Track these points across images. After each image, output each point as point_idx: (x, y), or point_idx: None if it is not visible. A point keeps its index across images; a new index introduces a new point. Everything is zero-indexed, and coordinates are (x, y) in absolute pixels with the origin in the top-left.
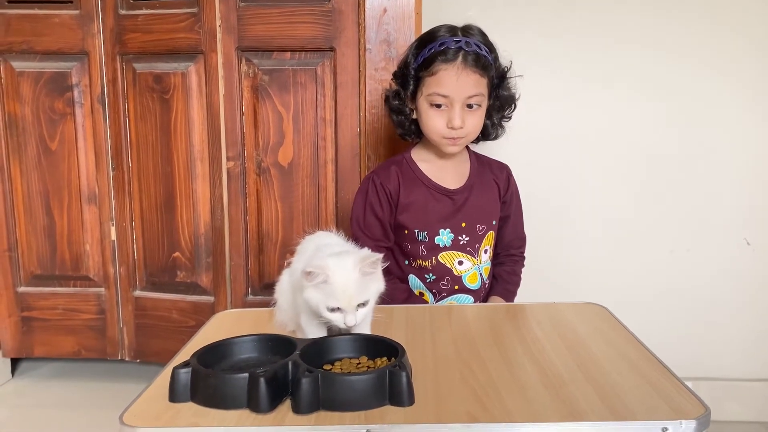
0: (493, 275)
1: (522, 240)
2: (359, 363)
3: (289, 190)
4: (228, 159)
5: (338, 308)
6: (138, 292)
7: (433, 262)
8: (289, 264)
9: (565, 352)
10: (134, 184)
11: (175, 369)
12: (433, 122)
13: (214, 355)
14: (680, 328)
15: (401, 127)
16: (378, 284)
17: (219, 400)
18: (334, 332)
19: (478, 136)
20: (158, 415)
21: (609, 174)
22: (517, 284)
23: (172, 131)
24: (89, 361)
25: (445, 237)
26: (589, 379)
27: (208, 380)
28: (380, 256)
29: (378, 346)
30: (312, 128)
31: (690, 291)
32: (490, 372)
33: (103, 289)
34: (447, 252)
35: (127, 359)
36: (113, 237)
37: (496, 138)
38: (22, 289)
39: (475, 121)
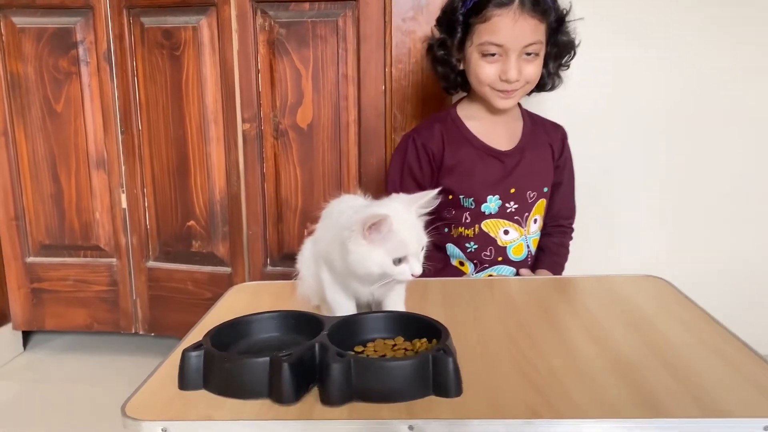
0: (539, 247)
1: (572, 210)
2: (395, 345)
3: (308, 154)
4: (243, 121)
5: (401, 259)
6: (151, 263)
7: (476, 230)
8: (311, 232)
9: (630, 332)
10: (145, 148)
11: (185, 352)
12: (485, 73)
13: (229, 334)
14: (745, 302)
15: (446, 80)
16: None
17: (236, 388)
18: (363, 308)
19: (531, 89)
20: (166, 405)
21: (663, 133)
22: (565, 257)
23: (183, 91)
24: (102, 335)
25: (492, 204)
26: (666, 365)
27: (223, 365)
28: (434, 192)
29: (415, 326)
30: (333, 86)
31: (760, 260)
32: (545, 356)
33: (114, 260)
34: (492, 220)
35: (141, 333)
36: (124, 204)
37: (552, 89)
38: (30, 259)
39: (533, 70)
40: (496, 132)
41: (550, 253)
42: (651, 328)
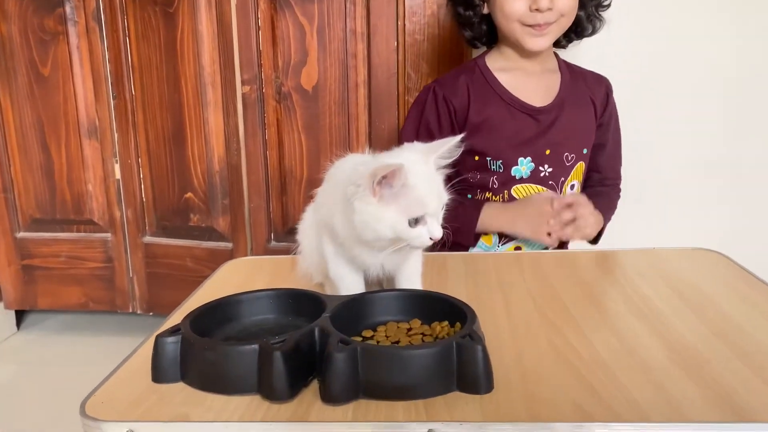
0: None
1: (618, 175)
2: (410, 329)
3: (314, 119)
4: (243, 83)
5: (418, 219)
6: (148, 238)
7: (505, 196)
8: (313, 198)
9: (690, 314)
10: (138, 115)
11: (159, 337)
12: (512, 6)
13: (214, 317)
14: None
15: (469, 27)
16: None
17: (219, 381)
18: (373, 285)
19: (570, 35)
20: (135, 401)
21: (720, 90)
22: (611, 210)
23: (178, 51)
24: (99, 314)
25: (524, 167)
26: (740, 354)
27: (204, 353)
28: (457, 138)
29: (435, 307)
30: (340, 43)
31: None
32: (592, 343)
33: (109, 235)
34: (523, 185)
35: (138, 312)
36: (117, 175)
37: (592, 33)
38: (21, 234)
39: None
40: (529, 85)
41: (599, 195)
42: (713, 309)
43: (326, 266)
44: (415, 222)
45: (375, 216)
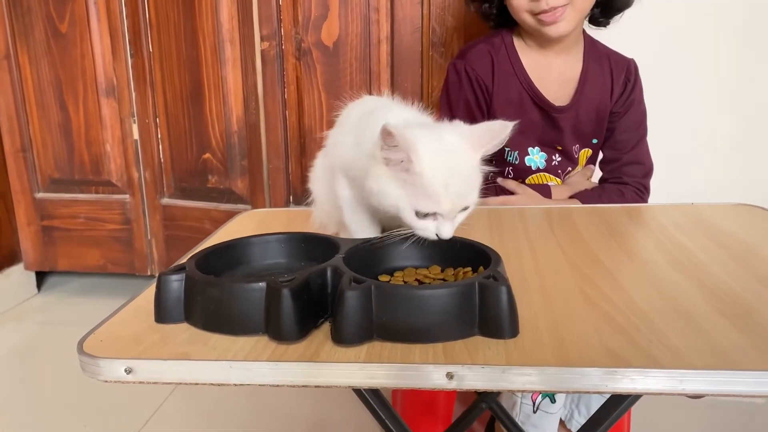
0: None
1: (643, 167)
2: (429, 275)
3: (334, 77)
4: (262, 39)
5: (427, 214)
6: (166, 200)
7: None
8: (323, 141)
9: (734, 265)
10: (156, 73)
11: (162, 275)
12: None
13: (223, 259)
14: None
15: (488, 18)
16: (479, 176)
17: (224, 321)
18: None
19: (605, 8)
20: (136, 340)
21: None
22: (610, 199)
23: (196, 7)
24: (118, 276)
25: (537, 157)
26: None
27: (209, 291)
28: (512, 124)
29: (457, 253)
30: None
31: None
32: (628, 291)
33: (127, 196)
34: (537, 174)
35: (157, 275)
36: (135, 136)
37: (625, 6)
38: (40, 195)
39: None
40: (551, 74)
41: (596, 188)
42: (757, 258)
43: (340, 213)
44: (424, 215)
45: (381, 188)
